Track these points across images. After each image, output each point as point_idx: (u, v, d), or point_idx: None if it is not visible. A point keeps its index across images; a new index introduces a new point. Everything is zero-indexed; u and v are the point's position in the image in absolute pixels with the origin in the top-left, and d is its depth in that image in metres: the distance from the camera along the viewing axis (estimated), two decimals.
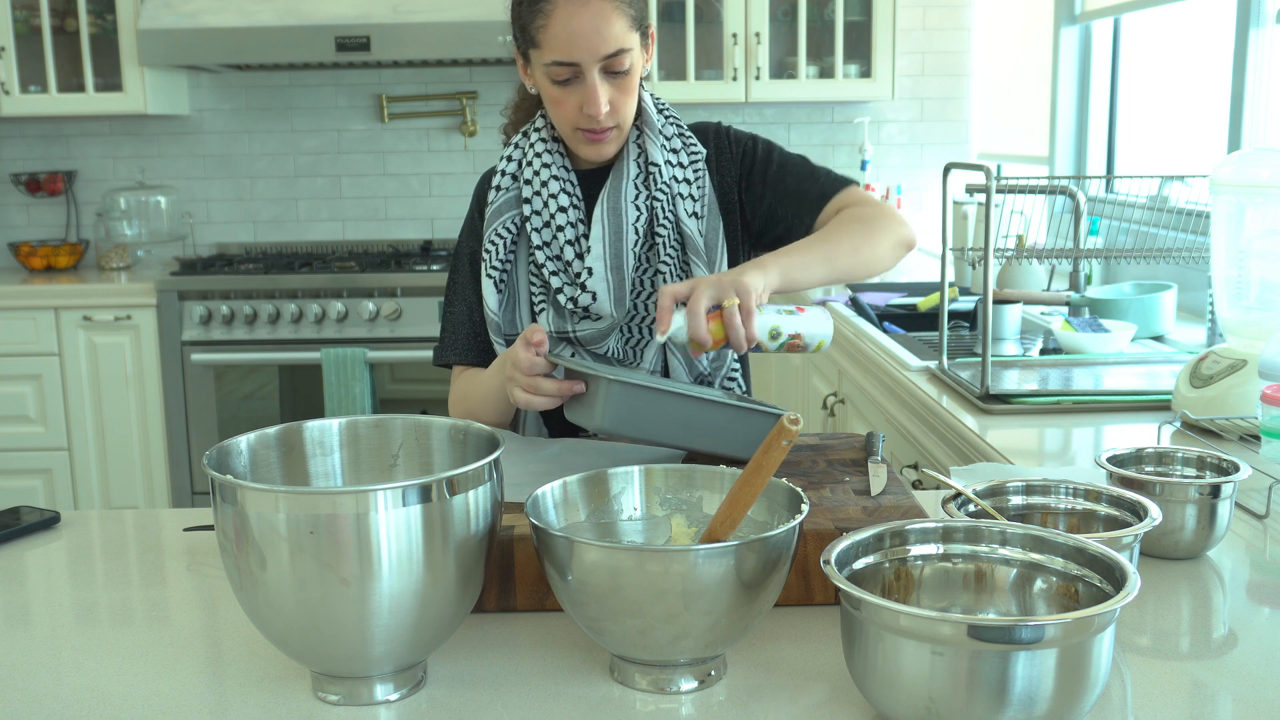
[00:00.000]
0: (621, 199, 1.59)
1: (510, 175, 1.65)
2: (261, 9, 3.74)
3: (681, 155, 1.63)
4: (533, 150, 1.64)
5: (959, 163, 2.05)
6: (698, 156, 1.64)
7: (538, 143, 1.64)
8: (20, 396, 3.83)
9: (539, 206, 1.61)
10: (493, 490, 0.97)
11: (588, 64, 1.49)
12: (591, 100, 1.51)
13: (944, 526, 0.99)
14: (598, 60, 1.49)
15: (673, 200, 1.61)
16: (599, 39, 1.48)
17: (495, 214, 1.63)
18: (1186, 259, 2.12)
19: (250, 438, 1.04)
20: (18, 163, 4.36)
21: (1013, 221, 2.99)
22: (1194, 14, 2.96)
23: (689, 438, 1.30)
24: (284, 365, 3.80)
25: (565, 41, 1.48)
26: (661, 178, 1.60)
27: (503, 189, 1.64)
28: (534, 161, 1.63)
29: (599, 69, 1.50)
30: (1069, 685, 0.81)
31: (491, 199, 1.65)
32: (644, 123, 1.62)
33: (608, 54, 1.49)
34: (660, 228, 1.60)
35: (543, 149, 1.63)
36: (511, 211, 1.63)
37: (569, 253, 1.60)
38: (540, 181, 1.61)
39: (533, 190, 1.62)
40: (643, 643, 0.93)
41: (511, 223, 1.63)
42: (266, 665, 1.02)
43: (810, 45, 3.93)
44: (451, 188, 4.37)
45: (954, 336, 2.65)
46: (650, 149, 1.61)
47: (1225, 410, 1.70)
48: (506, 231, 1.62)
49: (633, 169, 1.61)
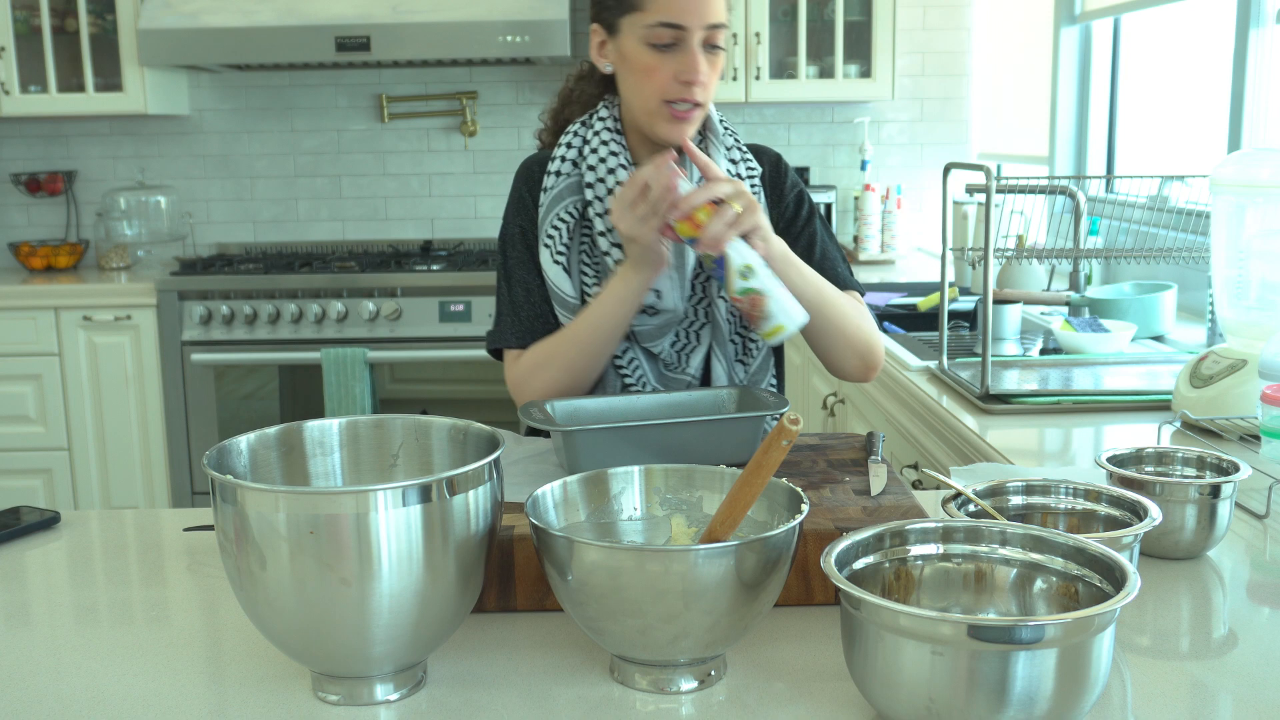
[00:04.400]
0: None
1: (570, 162, 1.63)
2: (261, 9, 3.74)
3: (740, 168, 1.65)
4: (598, 139, 1.62)
5: (959, 163, 2.05)
6: (754, 173, 1.66)
7: (602, 131, 1.62)
8: (20, 396, 3.83)
9: (603, 193, 1.60)
10: (493, 490, 0.97)
11: (694, 28, 1.50)
12: (692, 66, 1.51)
13: (944, 526, 0.99)
14: (703, 26, 1.51)
15: None
16: (708, 6, 1.50)
17: (555, 200, 1.61)
18: (1186, 259, 2.12)
19: (250, 438, 1.04)
20: (18, 163, 4.36)
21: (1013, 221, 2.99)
22: (1194, 14, 2.96)
23: (668, 458, 1.30)
24: (284, 365, 3.80)
25: (677, 3, 1.49)
26: None
27: (562, 174, 1.62)
28: (599, 149, 1.61)
29: (701, 38, 1.51)
30: (1069, 685, 0.81)
31: (549, 184, 1.63)
32: (709, 129, 1.64)
33: (713, 23, 1.51)
34: None
35: (608, 137, 1.61)
36: (573, 197, 1.61)
37: None
38: (606, 169, 1.60)
39: (597, 176, 1.60)
40: (643, 643, 0.93)
41: (574, 207, 1.61)
42: (266, 665, 1.02)
43: (810, 45, 3.93)
44: (451, 188, 4.37)
45: (954, 336, 2.65)
46: (715, 156, 1.62)
47: (1225, 410, 1.70)
48: (570, 216, 1.61)
49: (696, 173, 1.59)
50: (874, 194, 3.99)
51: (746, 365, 1.65)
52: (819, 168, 4.26)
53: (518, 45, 3.72)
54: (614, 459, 1.21)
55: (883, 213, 4.01)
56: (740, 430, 1.37)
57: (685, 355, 1.63)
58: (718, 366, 1.63)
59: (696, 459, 1.28)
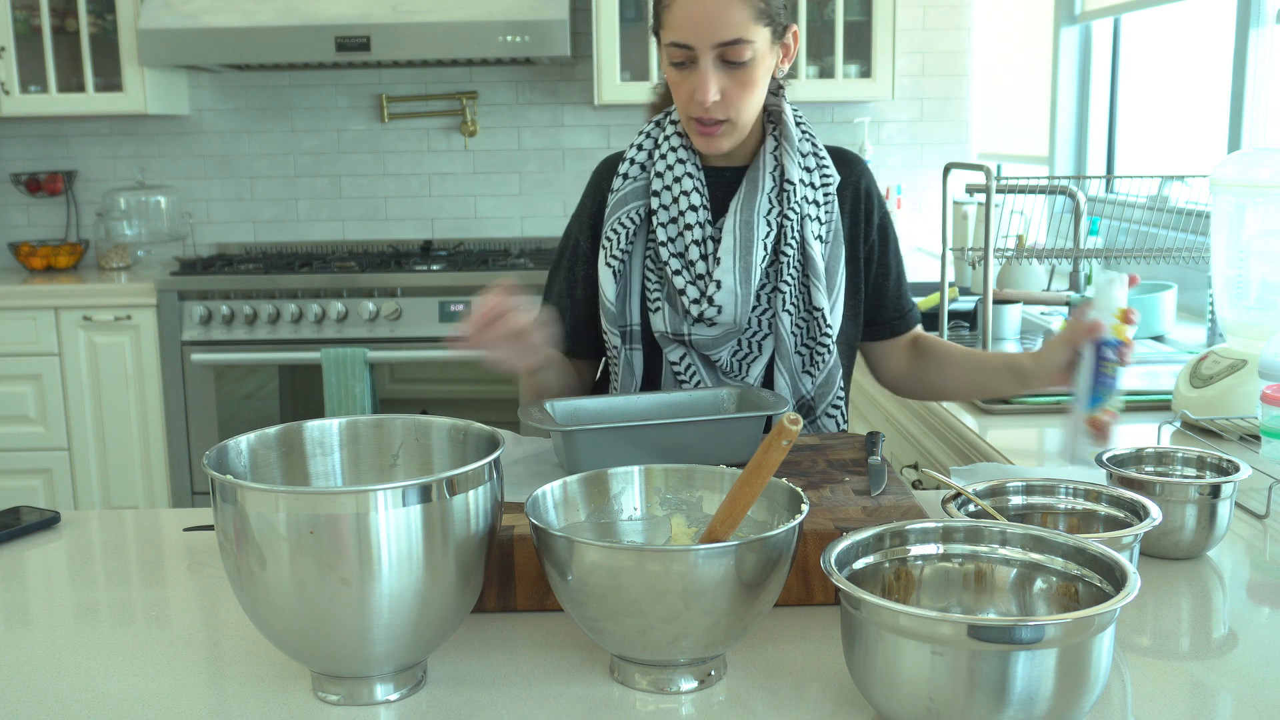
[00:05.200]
0: (755, 212, 1.56)
1: (639, 165, 1.61)
2: (261, 9, 3.74)
3: (814, 176, 1.60)
4: (667, 143, 1.60)
5: (959, 163, 2.06)
6: (829, 181, 1.61)
7: (673, 135, 1.60)
8: (20, 396, 3.83)
9: (668, 201, 1.58)
10: (493, 490, 0.97)
11: (702, 49, 1.47)
12: (701, 86, 1.48)
13: (944, 526, 0.99)
14: (713, 46, 1.47)
15: (801, 221, 1.58)
16: (717, 24, 1.46)
17: (620, 202, 1.60)
18: (1186, 259, 2.12)
19: (250, 438, 1.04)
20: (18, 163, 4.36)
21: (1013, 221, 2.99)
22: (1194, 14, 2.96)
23: (668, 458, 1.30)
24: (284, 365, 3.80)
25: (683, 23, 1.47)
26: (794, 196, 1.57)
27: (630, 177, 1.61)
28: (668, 155, 1.59)
29: (714, 56, 1.47)
30: (1069, 685, 0.81)
31: (617, 186, 1.61)
32: (782, 135, 1.59)
33: (724, 41, 1.46)
34: (786, 246, 1.57)
35: (678, 143, 1.59)
36: (638, 201, 1.59)
37: (694, 253, 1.56)
38: (673, 176, 1.58)
39: (663, 184, 1.58)
40: (643, 643, 0.93)
41: (637, 213, 1.59)
42: (266, 665, 1.02)
43: (810, 45, 3.93)
44: (451, 188, 4.37)
45: (954, 336, 2.64)
46: (787, 164, 1.57)
47: (1225, 410, 1.70)
48: (631, 221, 1.59)
49: (768, 182, 1.57)
50: None
51: (814, 376, 1.61)
52: None
53: (518, 45, 3.72)
54: (614, 459, 1.21)
55: None
56: (740, 430, 1.37)
57: (746, 364, 1.60)
58: (779, 378, 1.59)
59: (696, 459, 1.28)
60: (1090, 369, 1.38)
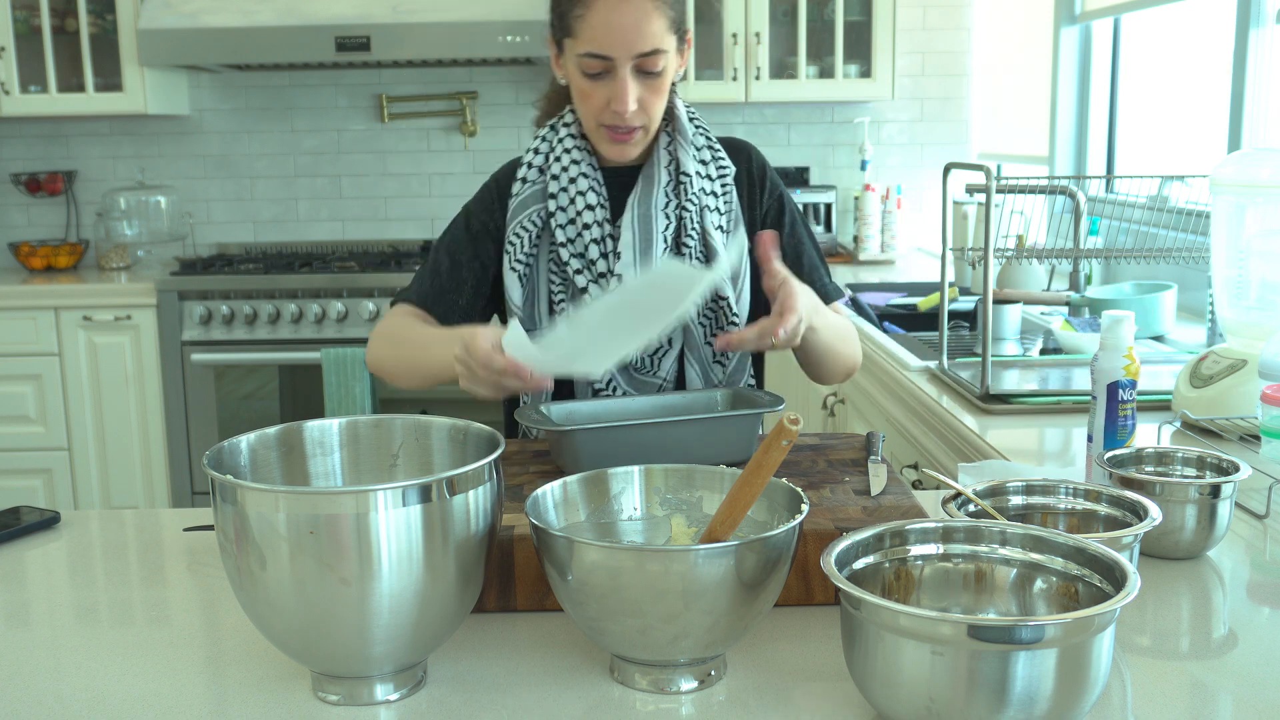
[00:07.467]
0: (652, 207, 1.58)
1: (536, 168, 1.62)
2: (261, 9, 3.74)
3: (710, 168, 1.62)
4: (561, 145, 1.61)
5: (959, 163, 2.05)
6: (726, 172, 1.63)
7: (566, 138, 1.61)
8: (20, 396, 3.83)
9: (565, 203, 1.59)
10: (493, 490, 0.97)
11: (621, 60, 1.48)
12: (620, 97, 1.49)
13: (944, 526, 0.99)
14: (632, 57, 1.48)
15: (700, 212, 1.60)
16: (636, 35, 1.46)
17: (520, 207, 1.61)
18: (1186, 259, 2.12)
19: (250, 438, 1.04)
20: (18, 163, 4.36)
21: (1013, 221, 2.99)
22: (1194, 14, 2.96)
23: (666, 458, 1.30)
24: (284, 365, 3.80)
25: (602, 34, 1.47)
26: (691, 188, 1.59)
27: (528, 181, 1.62)
28: (562, 157, 1.60)
29: (632, 66, 1.49)
30: (1069, 685, 0.81)
31: (516, 190, 1.62)
32: (676, 130, 1.61)
33: (643, 52, 1.48)
34: (687, 238, 1.59)
35: (571, 145, 1.61)
36: (537, 205, 1.60)
37: (594, 251, 1.58)
38: (569, 178, 1.59)
39: (559, 186, 1.59)
40: (643, 643, 0.93)
41: (537, 216, 1.60)
42: (266, 665, 1.02)
43: (810, 45, 3.93)
44: (452, 188, 4.37)
45: (954, 336, 2.65)
46: (682, 158, 1.59)
47: (1225, 410, 1.69)
48: (532, 225, 1.60)
49: (664, 176, 1.59)
50: (874, 194, 3.99)
51: (724, 365, 1.62)
52: (819, 168, 4.26)
53: (518, 45, 3.72)
54: (611, 459, 1.21)
55: (883, 213, 4.01)
56: (738, 429, 1.37)
57: (656, 359, 1.60)
58: (690, 369, 1.61)
59: (694, 458, 1.28)
60: (1105, 411, 1.39)
